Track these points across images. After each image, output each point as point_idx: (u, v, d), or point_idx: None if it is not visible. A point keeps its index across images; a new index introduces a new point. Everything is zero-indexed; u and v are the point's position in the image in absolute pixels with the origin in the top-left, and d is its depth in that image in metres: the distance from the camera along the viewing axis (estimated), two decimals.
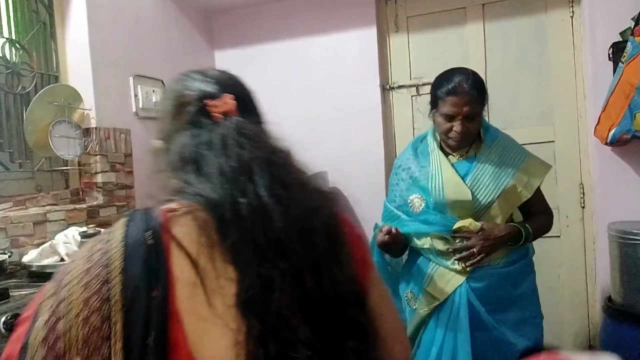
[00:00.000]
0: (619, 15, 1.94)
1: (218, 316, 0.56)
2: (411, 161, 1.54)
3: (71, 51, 1.88)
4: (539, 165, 1.48)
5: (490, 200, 1.42)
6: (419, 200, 1.49)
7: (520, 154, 1.47)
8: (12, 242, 1.50)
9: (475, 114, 1.40)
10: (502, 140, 1.49)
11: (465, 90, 1.39)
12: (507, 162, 1.45)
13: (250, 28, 2.58)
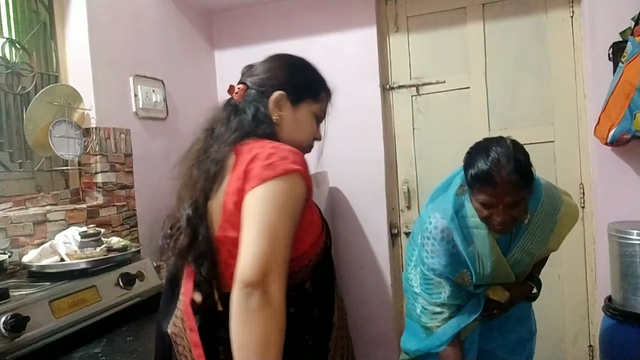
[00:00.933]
0: (619, 15, 1.94)
1: None
2: (452, 230, 1.33)
3: (71, 51, 1.88)
4: (570, 219, 1.42)
5: (526, 267, 1.44)
6: (467, 276, 1.37)
7: (556, 208, 1.36)
8: (12, 242, 1.50)
9: (519, 201, 1.21)
10: (544, 202, 1.33)
11: (505, 179, 1.17)
12: (546, 229, 1.35)
13: (250, 28, 2.58)
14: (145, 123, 2.10)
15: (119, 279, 1.47)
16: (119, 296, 1.45)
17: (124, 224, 1.93)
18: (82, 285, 1.37)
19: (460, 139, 2.33)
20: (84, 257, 1.45)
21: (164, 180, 2.19)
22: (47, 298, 1.26)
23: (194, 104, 2.44)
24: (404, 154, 2.44)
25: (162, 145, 2.20)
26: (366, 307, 2.44)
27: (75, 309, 1.31)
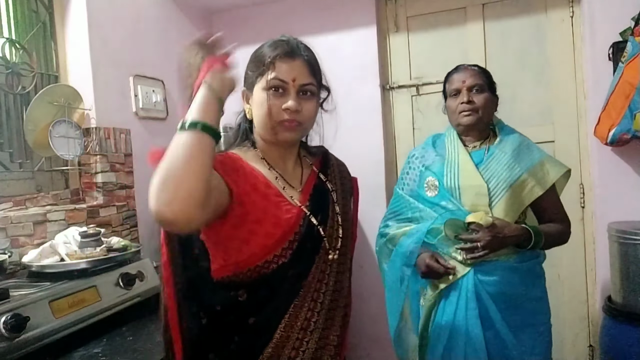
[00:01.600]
0: (619, 15, 1.94)
1: None
2: (426, 150, 1.59)
3: (71, 51, 1.88)
4: (555, 165, 1.47)
5: (502, 190, 1.41)
6: (434, 183, 1.50)
7: (536, 152, 1.48)
8: (12, 242, 1.50)
9: (480, 87, 1.48)
10: (518, 136, 1.52)
11: (465, 67, 1.53)
12: (522, 156, 1.45)
13: (250, 28, 2.57)
14: (145, 123, 2.10)
15: (119, 279, 1.47)
16: (119, 296, 1.45)
17: (124, 224, 1.93)
18: (82, 285, 1.37)
19: None
20: (84, 257, 1.45)
21: None
22: (47, 298, 1.26)
23: None
24: (404, 154, 2.44)
25: (162, 145, 2.19)
26: (366, 307, 2.44)
27: (75, 309, 1.31)
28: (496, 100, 1.55)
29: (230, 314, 0.95)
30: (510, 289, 1.41)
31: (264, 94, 0.98)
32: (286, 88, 0.98)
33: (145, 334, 1.38)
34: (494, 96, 1.53)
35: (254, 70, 1.01)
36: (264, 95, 0.97)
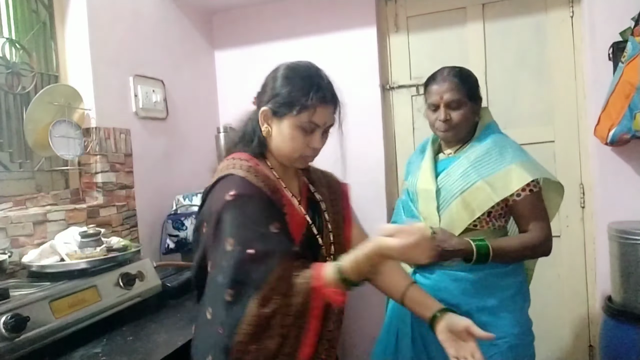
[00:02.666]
0: (619, 15, 1.94)
1: None
2: (415, 155, 1.65)
3: (71, 51, 1.88)
4: (523, 173, 1.37)
5: (452, 197, 1.40)
6: (406, 188, 1.60)
7: (507, 159, 1.39)
8: (12, 242, 1.50)
9: (457, 102, 1.42)
10: (493, 142, 1.44)
11: (444, 77, 1.45)
12: (485, 163, 1.40)
13: (250, 28, 2.57)
14: (145, 123, 2.10)
15: (119, 279, 1.47)
16: (119, 296, 1.45)
17: (124, 224, 1.93)
18: (82, 285, 1.37)
19: None
20: (84, 257, 1.45)
21: (164, 180, 2.19)
22: (47, 298, 1.26)
23: (194, 104, 2.44)
24: (404, 154, 2.44)
25: (162, 145, 2.20)
26: (366, 307, 2.44)
27: (75, 309, 1.31)
28: (477, 106, 1.49)
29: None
30: (449, 297, 1.35)
31: (295, 131, 1.05)
32: (315, 130, 1.07)
33: (145, 334, 1.38)
34: (474, 104, 1.47)
35: (287, 101, 1.04)
36: (294, 133, 1.05)
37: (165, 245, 2.05)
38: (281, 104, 1.05)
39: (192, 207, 2.07)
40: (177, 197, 2.13)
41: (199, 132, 2.45)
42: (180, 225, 2.02)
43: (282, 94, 1.05)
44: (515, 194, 1.38)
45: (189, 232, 2.01)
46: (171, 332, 1.39)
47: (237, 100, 2.40)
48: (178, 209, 2.08)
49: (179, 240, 2.02)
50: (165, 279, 1.70)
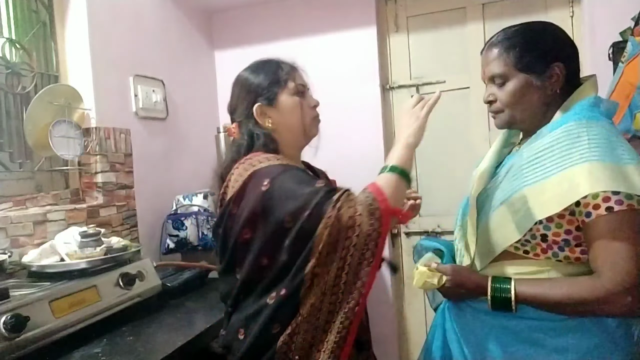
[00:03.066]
0: (619, 15, 1.94)
1: None
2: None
3: (71, 51, 1.88)
4: (589, 180, 0.91)
5: (493, 206, 1.06)
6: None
7: (572, 158, 0.94)
8: (12, 242, 1.50)
9: (501, 76, 1.07)
10: (565, 131, 0.98)
11: (490, 42, 1.10)
12: (541, 162, 0.99)
13: (250, 28, 2.58)
14: (145, 123, 2.10)
15: (119, 279, 1.47)
16: (119, 296, 1.45)
17: (124, 224, 1.93)
18: (82, 285, 1.37)
19: (460, 139, 2.34)
20: (84, 257, 1.45)
21: (164, 180, 2.19)
22: (47, 298, 1.26)
23: (194, 104, 2.44)
24: None
25: (162, 145, 2.20)
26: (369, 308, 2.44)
27: (75, 309, 1.30)
28: (545, 77, 1.04)
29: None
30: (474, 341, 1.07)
31: (293, 98, 1.15)
32: (304, 91, 1.18)
33: (145, 334, 1.38)
34: (535, 75, 1.05)
35: (270, 85, 1.14)
36: (294, 100, 1.14)
37: (165, 245, 2.05)
38: (268, 88, 1.14)
39: (192, 207, 2.07)
40: (177, 197, 2.13)
41: (199, 132, 2.45)
42: (180, 225, 2.02)
43: (261, 83, 1.15)
44: (585, 213, 0.93)
45: (189, 232, 2.01)
46: (171, 332, 1.39)
47: None
48: (178, 209, 2.08)
49: (179, 240, 2.02)
50: (165, 279, 1.70)
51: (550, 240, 0.98)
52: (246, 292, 1.06)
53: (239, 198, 1.05)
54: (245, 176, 1.05)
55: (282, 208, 0.98)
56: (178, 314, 1.55)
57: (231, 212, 1.07)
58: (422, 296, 2.45)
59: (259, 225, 1.01)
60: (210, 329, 1.41)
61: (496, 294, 0.99)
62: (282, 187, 1.00)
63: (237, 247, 1.06)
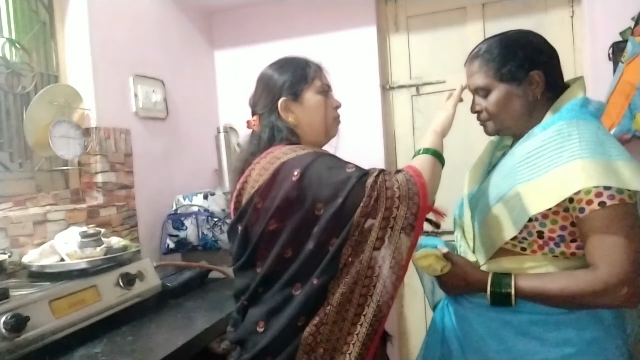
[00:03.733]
0: (619, 15, 1.94)
1: None
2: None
3: (71, 51, 1.88)
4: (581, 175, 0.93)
5: (487, 204, 1.09)
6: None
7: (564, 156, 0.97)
8: (12, 242, 1.50)
9: (484, 88, 1.11)
10: (557, 131, 1.01)
11: (472, 54, 1.18)
12: (533, 160, 1.02)
13: (250, 28, 2.58)
14: (145, 123, 2.10)
15: (119, 279, 1.47)
16: (119, 296, 1.45)
17: (124, 224, 1.93)
18: (82, 285, 1.37)
19: (460, 139, 2.33)
20: (84, 257, 1.45)
21: (164, 180, 2.19)
22: (47, 298, 1.25)
23: (194, 104, 2.44)
24: (404, 154, 2.44)
25: (162, 145, 2.20)
26: None
27: (75, 309, 1.30)
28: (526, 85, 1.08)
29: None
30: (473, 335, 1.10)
31: (318, 96, 1.16)
32: (328, 91, 1.20)
33: (145, 334, 1.38)
34: (515, 84, 1.08)
35: (297, 81, 1.15)
36: (318, 98, 1.16)
37: (165, 245, 2.05)
38: (294, 84, 1.15)
39: (192, 207, 2.07)
40: (177, 197, 2.13)
41: (199, 132, 2.45)
42: (180, 225, 2.02)
43: (289, 78, 1.15)
44: (578, 209, 0.95)
45: (189, 232, 2.01)
46: (171, 332, 1.39)
47: (237, 100, 2.41)
48: (178, 209, 2.08)
49: (179, 240, 2.02)
50: (165, 279, 1.70)
51: (546, 237, 1.01)
52: (267, 285, 1.05)
53: (265, 191, 1.04)
54: (272, 169, 1.03)
55: (313, 196, 0.99)
56: (178, 314, 1.55)
57: (256, 206, 1.05)
58: (422, 296, 2.46)
59: (289, 215, 1.01)
60: (210, 329, 1.41)
61: (496, 289, 1.01)
62: (313, 176, 1.00)
63: (262, 240, 1.05)
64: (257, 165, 1.08)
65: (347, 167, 1.01)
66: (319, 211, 0.98)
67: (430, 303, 1.35)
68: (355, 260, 0.97)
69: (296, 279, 1.01)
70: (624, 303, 0.93)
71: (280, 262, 1.03)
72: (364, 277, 0.97)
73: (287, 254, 1.02)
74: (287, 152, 1.06)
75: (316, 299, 0.99)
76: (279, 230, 1.02)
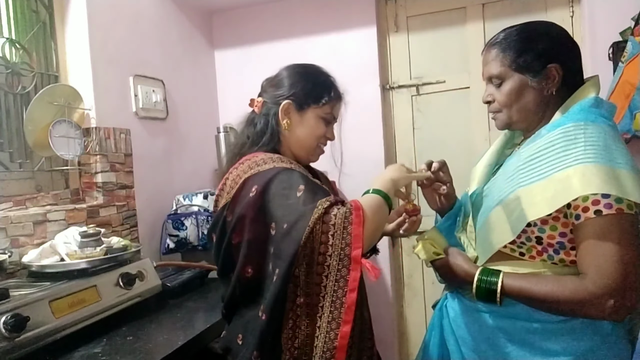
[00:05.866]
0: (619, 15, 1.94)
1: None
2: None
3: (71, 51, 1.88)
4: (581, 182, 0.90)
5: (489, 206, 1.07)
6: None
7: (568, 160, 0.93)
8: (12, 242, 1.50)
9: (498, 77, 1.07)
10: (563, 132, 0.97)
11: (486, 47, 1.11)
12: (536, 163, 0.98)
13: (250, 28, 2.58)
14: (145, 123, 2.10)
15: (119, 279, 1.47)
16: (119, 296, 1.45)
17: (124, 224, 1.93)
18: (82, 285, 1.37)
19: (460, 139, 2.34)
20: (84, 257, 1.45)
21: (164, 180, 2.19)
22: (47, 298, 1.26)
23: (194, 104, 2.44)
24: (404, 154, 2.44)
25: (162, 145, 2.20)
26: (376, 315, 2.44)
27: (75, 309, 1.31)
28: (541, 77, 1.04)
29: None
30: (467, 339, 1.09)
31: (318, 122, 1.17)
32: (331, 122, 1.21)
33: (145, 334, 1.38)
34: (530, 74, 1.04)
35: (311, 95, 1.16)
36: (318, 123, 1.17)
37: (165, 245, 2.05)
38: (306, 96, 1.15)
39: (192, 207, 2.07)
40: (177, 197, 2.13)
41: (199, 132, 2.45)
42: (180, 225, 2.02)
43: (305, 88, 1.15)
44: (574, 215, 0.92)
45: (189, 232, 2.01)
46: (171, 332, 1.39)
47: (237, 100, 2.40)
48: (178, 209, 2.08)
49: (179, 240, 2.02)
50: (165, 279, 1.70)
51: (545, 243, 0.98)
52: (243, 297, 1.07)
53: (232, 206, 1.07)
54: (239, 183, 1.06)
55: (269, 214, 0.99)
56: (178, 314, 1.55)
57: (225, 219, 1.08)
58: (421, 296, 2.46)
59: (247, 231, 1.02)
60: (210, 329, 1.41)
61: (482, 284, 0.99)
62: (269, 194, 1.01)
63: (227, 253, 1.08)
64: (234, 171, 1.10)
65: (297, 191, 0.99)
66: (273, 230, 0.99)
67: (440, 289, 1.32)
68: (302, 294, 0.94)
69: (260, 301, 1.00)
70: (610, 315, 0.89)
71: (241, 280, 1.04)
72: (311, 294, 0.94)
73: (248, 272, 1.03)
74: (259, 162, 1.08)
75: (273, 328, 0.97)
76: (239, 244, 1.04)
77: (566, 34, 1.10)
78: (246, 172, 1.07)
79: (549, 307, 0.95)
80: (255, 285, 1.02)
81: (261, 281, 1.01)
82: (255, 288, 1.02)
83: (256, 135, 1.16)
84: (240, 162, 1.11)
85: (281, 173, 1.04)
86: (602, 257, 0.89)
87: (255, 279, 1.02)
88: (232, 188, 1.08)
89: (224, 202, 1.09)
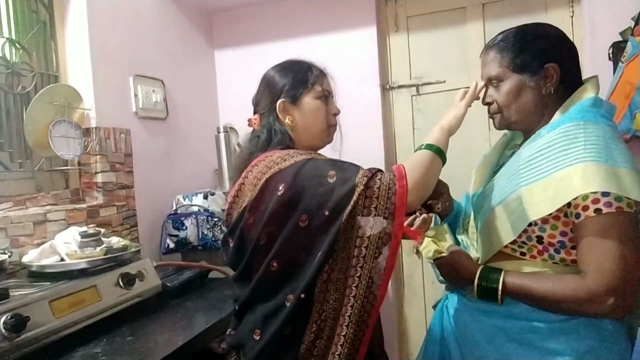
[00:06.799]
0: (619, 15, 1.94)
1: None
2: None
3: (71, 51, 1.88)
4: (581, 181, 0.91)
5: (490, 206, 1.08)
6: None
7: (568, 159, 0.94)
8: (12, 242, 1.50)
9: (497, 77, 1.09)
10: (563, 132, 0.98)
11: (485, 48, 1.13)
12: (536, 163, 0.99)
13: (250, 28, 2.58)
14: (145, 123, 2.10)
15: (119, 279, 1.47)
16: (119, 296, 1.45)
17: (124, 224, 1.93)
18: (82, 285, 1.37)
19: (460, 139, 2.33)
20: (84, 257, 1.45)
21: (164, 180, 2.19)
22: (47, 298, 1.25)
23: (194, 104, 2.44)
24: (404, 154, 2.44)
25: (162, 145, 2.20)
26: None
27: (75, 309, 1.30)
28: (540, 77, 1.05)
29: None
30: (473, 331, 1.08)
31: (317, 101, 1.17)
32: (328, 97, 1.21)
33: (145, 334, 1.38)
34: (529, 75, 1.06)
35: (297, 84, 1.17)
36: (317, 103, 1.17)
37: (165, 245, 2.05)
38: (294, 87, 1.16)
39: (192, 207, 2.07)
40: (177, 197, 2.13)
41: (199, 132, 2.45)
42: (180, 225, 2.02)
43: (289, 81, 1.17)
44: (574, 214, 0.93)
45: (189, 232, 2.01)
46: (171, 332, 1.39)
47: (237, 100, 2.41)
48: (178, 209, 2.08)
49: (179, 240, 2.02)
50: (165, 279, 1.70)
51: (546, 242, 0.99)
52: (261, 294, 1.07)
53: (255, 207, 1.07)
54: (260, 185, 1.06)
55: (299, 208, 1.00)
56: (178, 314, 1.55)
57: (247, 221, 1.08)
58: (422, 296, 2.46)
59: (277, 229, 1.03)
60: (210, 329, 1.41)
61: (483, 283, 1.01)
62: (297, 189, 1.01)
63: (255, 253, 1.07)
64: (254, 169, 1.10)
65: (328, 177, 1.01)
66: (304, 223, 1.00)
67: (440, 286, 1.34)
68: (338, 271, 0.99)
69: (287, 289, 1.02)
70: (609, 314, 0.90)
71: (267, 274, 1.04)
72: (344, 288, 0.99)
73: (273, 267, 1.04)
74: (277, 161, 1.07)
75: (302, 311, 1.00)
76: (270, 243, 1.04)
77: (563, 35, 1.11)
78: (266, 172, 1.06)
79: (550, 305, 0.96)
80: (279, 277, 1.03)
81: (286, 272, 1.03)
82: (277, 280, 1.04)
83: (265, 142, 1.16)
84: (254, 165, 1.10)
85: (305, 166, 1.04)
86: (602, 255, 0.90)
87: (280, 272, 1.03)
88: (253, 189, 1.07)
89: (244, 205, 1.09)
